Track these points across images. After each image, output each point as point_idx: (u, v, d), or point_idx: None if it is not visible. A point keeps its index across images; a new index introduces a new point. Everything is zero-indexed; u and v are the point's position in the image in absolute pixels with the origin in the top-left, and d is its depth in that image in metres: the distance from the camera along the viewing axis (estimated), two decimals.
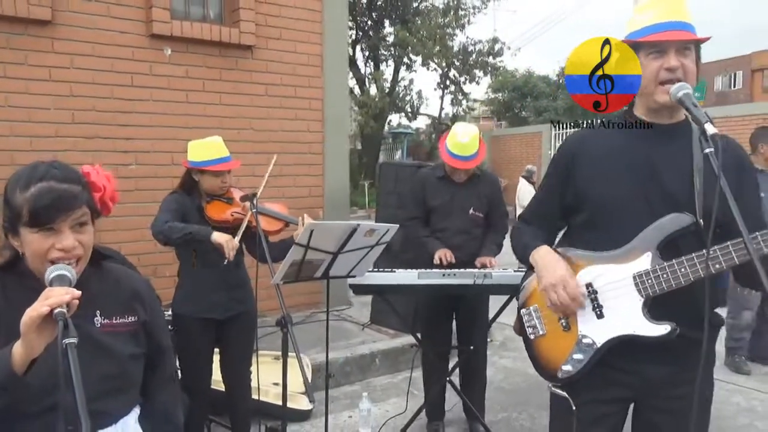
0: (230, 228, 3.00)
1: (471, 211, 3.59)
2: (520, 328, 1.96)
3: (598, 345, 1.75)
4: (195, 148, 3.06)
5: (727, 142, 1.70)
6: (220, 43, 5.25)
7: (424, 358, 3.82)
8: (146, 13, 4.91)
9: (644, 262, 1.69)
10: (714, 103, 28.67)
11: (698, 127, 1.57)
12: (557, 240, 2.00)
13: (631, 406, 1.89)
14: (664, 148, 1.72)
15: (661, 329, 1.66)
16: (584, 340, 1.77)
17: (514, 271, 3.29)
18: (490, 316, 3.70)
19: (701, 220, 1.63)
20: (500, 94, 26.47)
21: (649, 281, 1.67)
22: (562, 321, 1.83)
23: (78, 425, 1.08)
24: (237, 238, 2.91)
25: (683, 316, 1.65)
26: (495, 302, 3.58)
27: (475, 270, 3.30)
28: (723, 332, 4.31)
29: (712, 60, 34.21)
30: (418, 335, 3.70)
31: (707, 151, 1.52)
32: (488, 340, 5.74)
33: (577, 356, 1.78)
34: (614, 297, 1.73)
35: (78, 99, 4.68)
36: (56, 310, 1.15)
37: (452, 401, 3.89)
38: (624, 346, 1.73)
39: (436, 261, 3.43)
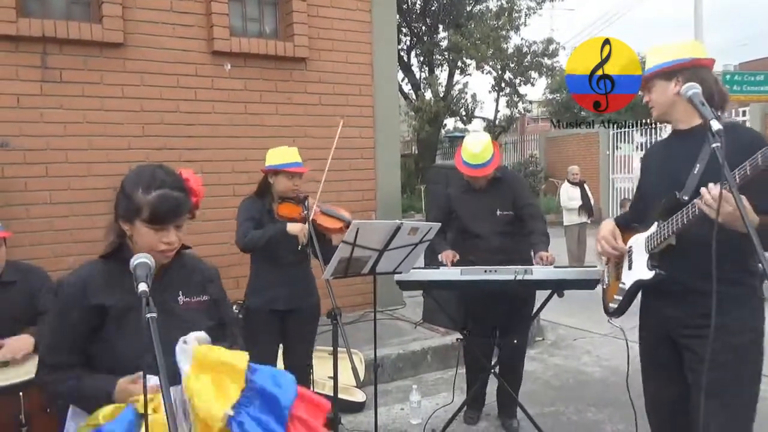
0: None
1: (498, 212, 3.70)
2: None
3: (627, 287, 2.37)
4: (273, 154, 3.39)
5: (735, 129, 2.02)
6: (276, 56, 5.56)
7: (466, 353, 3.96)
8: (208, 31, 5.27)
9: (652, 229, 2.27)
10: None
11: (704, 122, 1.71)
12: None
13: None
14: (679, 149, 2.26)
15: (651, 274, 2.22)
16: (621, 285, 2.43)
17: (555, 267, 3.39)
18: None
19: (677, 192, 2.10)
20: (558, 95, 26.02)
21: (650, 241, 2.26)
22: (615, 274, 2.50)
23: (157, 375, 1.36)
24: (307, 226, 3.23)
25: (695, 272, 2.08)
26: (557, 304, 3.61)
27: (516, 266, 3.42)
28: None
29: None
30: (465, 332, 3.84)
31: (714, 146, 1.68)
32: (540, 338, 5.83)
33: (618, 297, 2.44)
34: (637, 254, 2.34)
35: (147, 114, 5.07)
36: (140, 290, 1.40)
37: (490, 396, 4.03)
38: (652, 290, 2.30)
39: (442, 260, 3.58)
